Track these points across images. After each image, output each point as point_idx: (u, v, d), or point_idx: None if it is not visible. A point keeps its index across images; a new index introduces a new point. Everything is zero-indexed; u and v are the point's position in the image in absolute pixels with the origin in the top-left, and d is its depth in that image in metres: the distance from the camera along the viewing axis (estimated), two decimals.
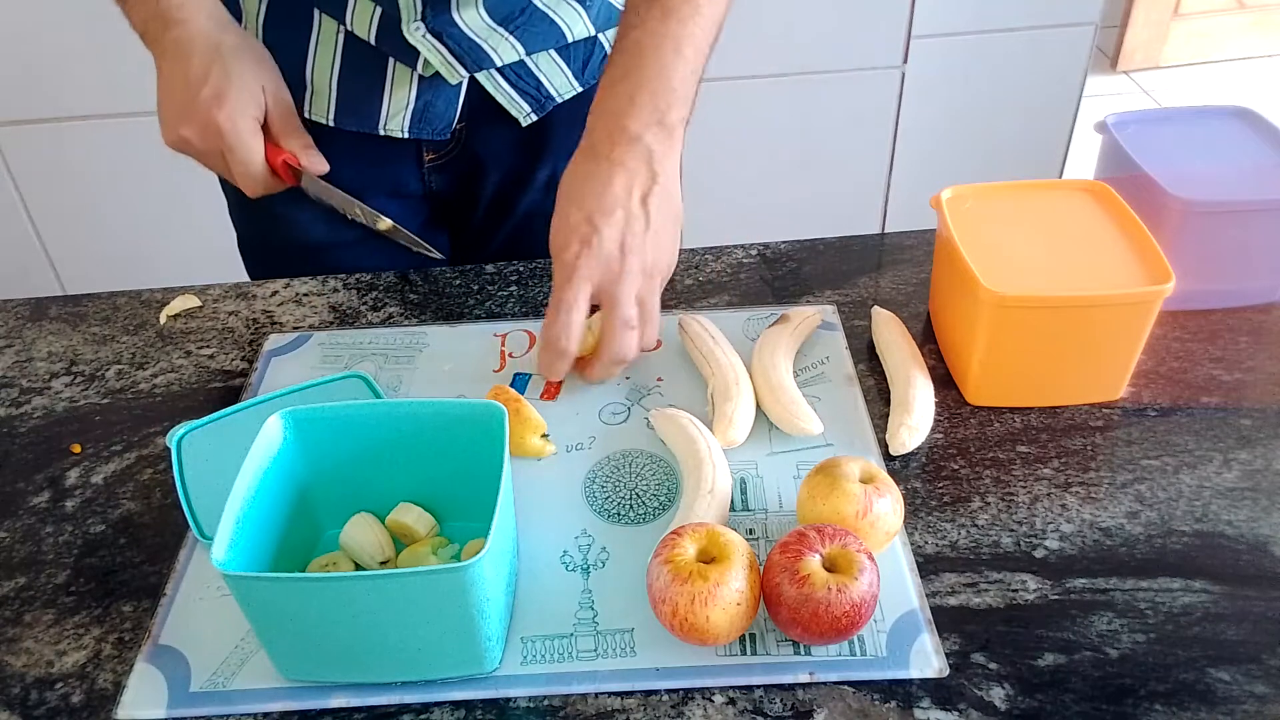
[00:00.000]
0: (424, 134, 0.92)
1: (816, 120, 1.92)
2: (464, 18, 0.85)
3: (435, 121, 0.92)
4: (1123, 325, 0.73)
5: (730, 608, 0.57)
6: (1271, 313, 0.84)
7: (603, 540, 0.68)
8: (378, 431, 0.65)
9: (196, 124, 0.81)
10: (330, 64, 0.89)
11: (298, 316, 0.90)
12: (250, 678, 0.60)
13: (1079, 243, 0.77)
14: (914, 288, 0.89)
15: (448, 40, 0.85)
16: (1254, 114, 0.89)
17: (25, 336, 0.90)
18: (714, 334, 0.80)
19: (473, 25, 0.85)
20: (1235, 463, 0.71)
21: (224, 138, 0.81)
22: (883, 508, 0.63)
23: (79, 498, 0.74)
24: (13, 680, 0.62)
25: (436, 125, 0.92)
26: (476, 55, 0.87)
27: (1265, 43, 3.14)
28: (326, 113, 0.91)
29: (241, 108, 0.81)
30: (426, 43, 0.85)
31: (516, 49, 0.88)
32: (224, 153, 0.82)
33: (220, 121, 0.80)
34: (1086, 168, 0.98)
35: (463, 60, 0.87)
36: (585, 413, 0.78)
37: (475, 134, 0.96)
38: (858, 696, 0.58)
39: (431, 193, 0.99)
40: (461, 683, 0.60)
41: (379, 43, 0.86)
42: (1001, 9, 1.84)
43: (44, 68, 1.77)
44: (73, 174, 1.88)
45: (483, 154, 0.97)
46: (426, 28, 0.84)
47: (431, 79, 0.89)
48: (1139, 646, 0.60)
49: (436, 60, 0.86)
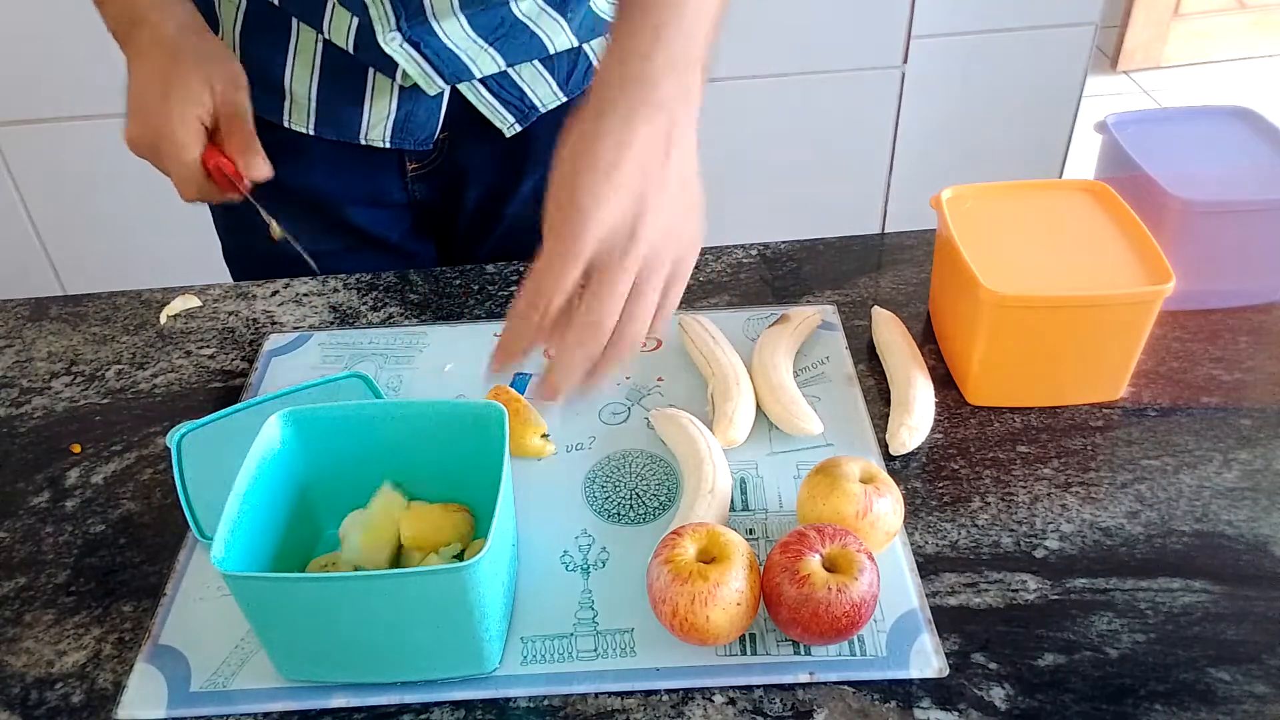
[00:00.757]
0: (406, 144, 0.91)
1: (816, 120, 1.92)
2: (444, 28, 0.83)
3: (417, 132, 0.90)
4: (1123, 325, 0.73)
5: (730, 608, 0.57)
6: (1271, 313, 0.84)
7: (603, 540, 0.68)
8: (378, 431, 0.65)
9: (140, 121, 0.79)
10: (309, 73, 0.87)
11: (298, 316, 0.90)
12: (250, 678, 0.60)
13: (1079, 243, 0.77)
14: (914, 288, 0.89)
15: (425, 51, 0.84)
16: (1254, 114, 0.89)
17: (25, 336, 0.90)
18: (714, 334, 0.80)
19: (453, 36, 0.84)
20: (1235, 463, 0.71)
21: (159, 135, 0.79)
22: (883, 508, 0.63)
23: (79, 498, 0.74)
24: (13, 680, 0.62)
25: (418, 135, 0.90)
26: (455, 66, 0.86)
27: (1265, 43, 3.14)
28: (306, 122, 0.90)
29: (183, 105, 0.78)
30: (403, 53, 0.83)
31: (497, 60, 0.87)
32: (161, 149, 0.79)
33: (158, 118, 0.78)
34: (1086, 168, 0.98)
35: (441, 71, 0.85)
36: (585, 413, 0.78)
37: (459, 144, 0.94)
38: (858, 696, 0.58)
39: (415, 201, 0.98)
40: (461, 683, 0.60)
41: (357, 52, 0.85)
42: (1001, 9, 1.84)
43: (44, 68, 1.77)
44: (73, 174, 1.88)
45: (466, 164, 0.96)
46: (404, 37, 0.83)
47: (412, 89, 0.87)
48: (1139, 646, 0.60)
49: (414, 71, 0.84)
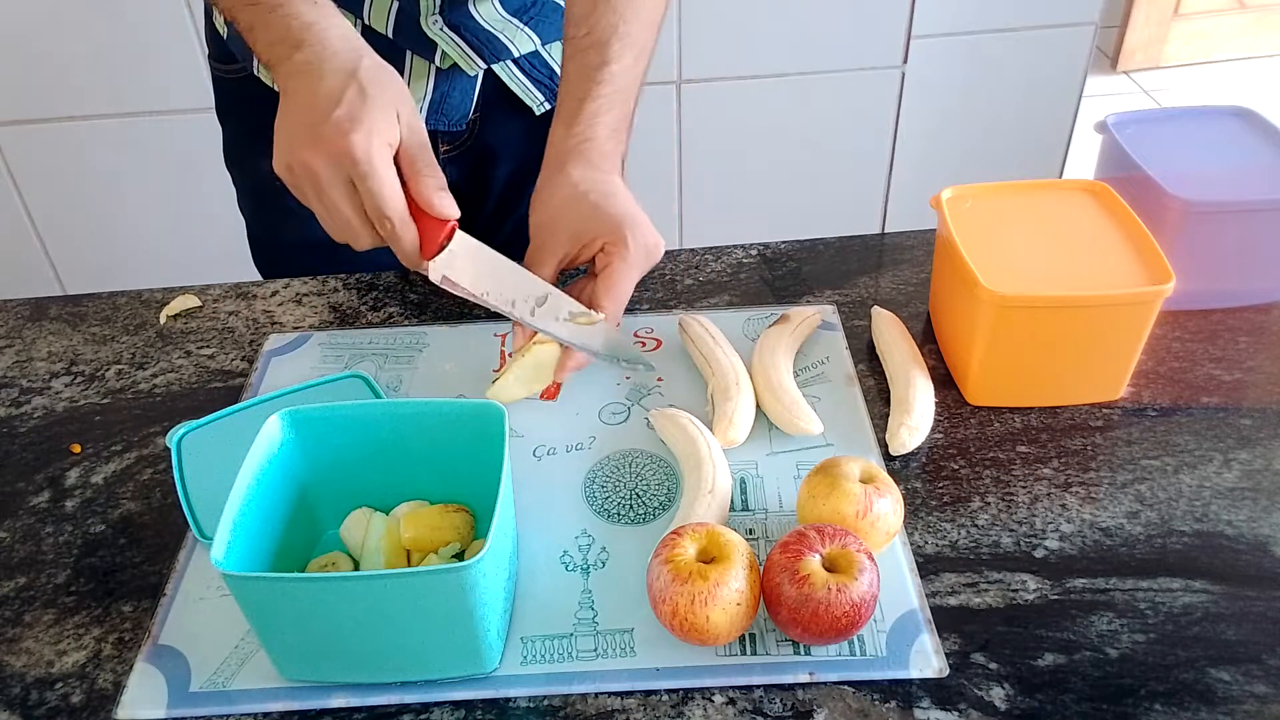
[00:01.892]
0: (441, 125, 0.93)
1: (816, 120, 1.92)
2: (479, 11, 0.86)
3: (452, 113, 0.93)
4: (1123, 325, 0.73)
5: (730, 608, 0.57)
6: (1271, 313, 0.84)
7: (603, 540, 0.68)
8: (378, 431, 0.65)
9: (324, 147, 0.68)
10: None
11: (298, 316, 0.90)
12: (250, 678, 0.60)
13: (1079, 243, 0.77)
14: (914, 288, 0.89)
15: (465, 33, 0.86)
16: (1254, 114, 0.89)
17: (25, 336, 0.90)
18: (714, 334, 0.80)
19: (488, 18, 0.87)
20: (1235, 463, 0.71)
21: (356, 164, 0.68)
22: (883, 508, 0.63)
23: (79, 498, 0.74)
24: (13, 680, 0.62)
25: (453, 116, 0.93)
26: (494, 47, 0.89)
27: (1265, 43, 3.14)
28: None
29: (378, 132, 0.68)
30: (444, 36, 0.86)
31: (533, 39, 0.90)
32: (354, 181, 0.69)
33: (354, 145, 0.67)
34: (1086, 168, 0.98)
35: (480, 52, 0.88)
36: (585, 413, 0.78)
37: (489, 124, 0.97)
38: (858, 696, 0.58)
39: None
40: (461, 683, 0.60)
41: (396, 36, 0.87)
42: (1001, 9, 1.84)
43: (44, 68, 1.77)
44: (73, 174, 1.88)
45: (496, 144, 0.99)
46: (444, 21, 0.85)
47: (448, 71, 0.90)
48: (1139, 646, 0.60)
49: (455, 53, 0.87)
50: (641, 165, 1.34)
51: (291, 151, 0.70)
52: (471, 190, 1.02)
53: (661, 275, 0.92)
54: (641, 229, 0.76)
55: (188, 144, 1.82)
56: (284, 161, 0.71)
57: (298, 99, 0.70)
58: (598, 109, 0.79)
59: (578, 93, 0.79)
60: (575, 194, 0.77)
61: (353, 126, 0.67)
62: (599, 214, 0.76)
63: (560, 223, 0.76)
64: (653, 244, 0.76)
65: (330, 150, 0.68)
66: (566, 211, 0.76)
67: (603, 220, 0.76)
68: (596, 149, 0.78)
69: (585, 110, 0.79)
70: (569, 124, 0.79)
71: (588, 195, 0.76)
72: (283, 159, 0.71)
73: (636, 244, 0.75)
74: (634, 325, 0.86)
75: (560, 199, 0.77)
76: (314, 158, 0.69)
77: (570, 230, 0.76)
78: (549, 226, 0.77)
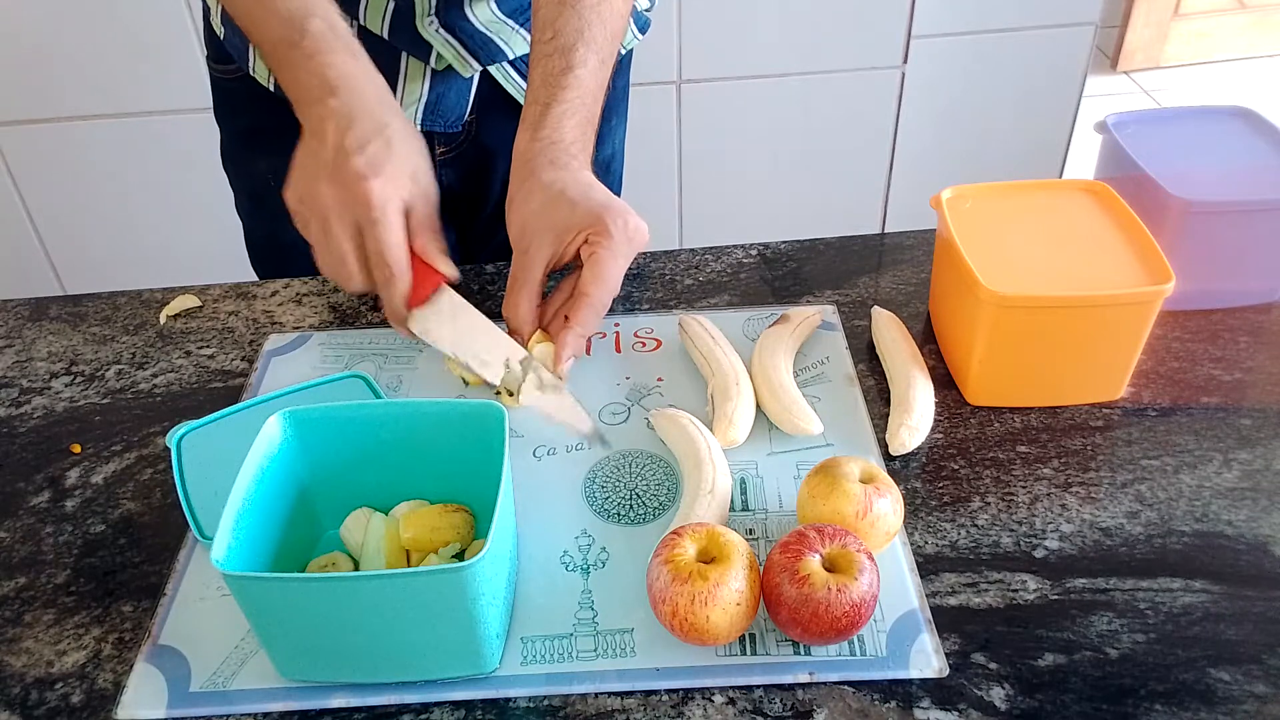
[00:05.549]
0: (436, 126, 0.93)
1: (816, 120, 1.92)
2: (475, 12, 0.86)
3: (447, 114, 0.93)
4: (1123, 325, 0.73)
5: (730, 608, 0.57)
6: (1271, 313, 0.84)
7: (603, 540, 0.68)
8: (378, 431, 0.65)
9: (340, 186, 0.71)
10: None
11: (298, 316, 0.90)
12: (250, 678, 0.60)
13: (1079, 243, 0.77)
14: (914, 288, 0.89)
15: (460, 34, 0.86)
16: (1254, 114, 0.89)
17: (25, 336, 0.90)
18: (714, 334, 0.80)
19: (483, 19, 0.87)
20: (1235, 463, 0.71)
21: (370, 209, 0.70)
22: (883, 508, 0.63)
23: (79, 498, 0.74)
24: (13, 680, 0.62)
25: (449, 117, 0.93)
26: (490, 49, 0.88)
27: (1265, 43, 3.14)
28: None
29: (395, 184, 0.72)
30: (440, 37, 0.86)
31: (528, 41, 0.90)
32: (363, 226, 0.72)
33: (371, 190, 0.70)
34: (1086, 168, 0.98)
35: (476, 54, 0.88)
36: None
37: (485, 126, 0.97)
38: (858, 696, 0.58)
39: (442, 188, 0.99)
40: (461, 683, 0.60)
41: (391, 37, 0.87)
42: (1001, 9, 1.84)
43: (44, 68, 1.77)
44: (73, 174, 1.88)
45: (492, 145, 0.98)
46: (440, 22, 0.85)
47: (444, 72, 0.90)
48: (1139, 646, 0.60)
49: (450, 55, 0.87)
50: (641, 165, 1.34)
51: (307, 184, 0.72)
52: (469, 192, 1.02)
53: (661, 275, 0.92)
54: (622, 215, 0.75)
55: (188, 144, 1.83)
56: (297, 193, 0.73)
57: (324, 139, 0.72)
58: (563, 113, 0.78)
59: (543, 98, 0.79)
60: (550, 194, 0.76)
61: (373, 173, 0.70)
62: (577, 209, 0.75)
63: (541, 225, 0.76)
64: (634, 228, 0.75)
65: (347, 191, 0.71)
66: (545, 213, 0.76)
67: (582, 213, 0.75)
68: (564, 150, 0.78)
69: (551, 114, 0.78)
70: (535, 129, 0.78)
71: (564, 193, 0.76)
72: (296, 190, 0.73)
73: (619, 229, 0.75)
74: (634, 325, 0.86)
75: (536, 202, 0.77)
76: (329, 194, 0.71)
77: (552, 231, 0.76)
78: (530, 231, 0.77)
